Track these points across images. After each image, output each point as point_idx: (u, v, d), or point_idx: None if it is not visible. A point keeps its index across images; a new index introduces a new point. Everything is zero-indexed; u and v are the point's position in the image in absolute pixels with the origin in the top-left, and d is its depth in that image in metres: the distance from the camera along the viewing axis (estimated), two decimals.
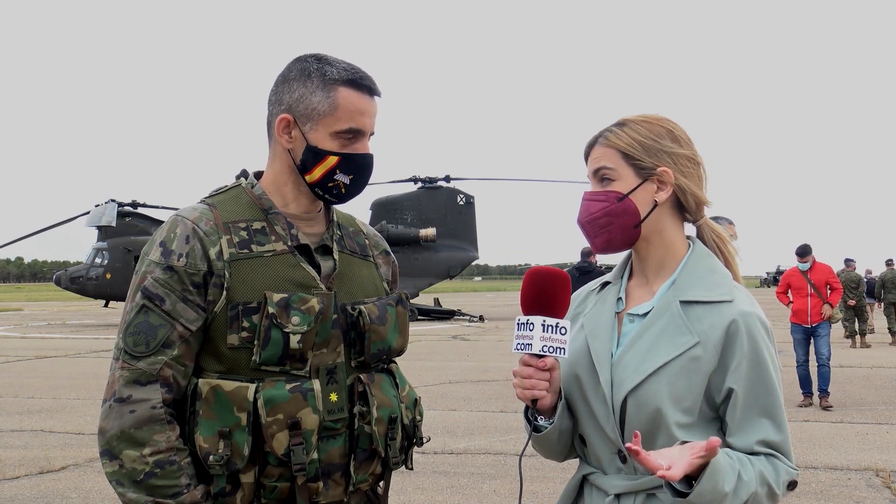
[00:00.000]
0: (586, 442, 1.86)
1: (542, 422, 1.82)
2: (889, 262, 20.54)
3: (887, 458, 7.24)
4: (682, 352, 1.73)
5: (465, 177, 32.95)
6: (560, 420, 1.82)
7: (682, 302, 1.77)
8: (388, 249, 2.09)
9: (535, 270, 1.78)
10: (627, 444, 1.60)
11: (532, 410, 1.81)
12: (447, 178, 32.74)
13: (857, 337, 18.72)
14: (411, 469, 1.99)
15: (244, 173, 1.95)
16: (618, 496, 1.77)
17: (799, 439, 8.06)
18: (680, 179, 1.81)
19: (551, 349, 1.73)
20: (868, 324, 19.16)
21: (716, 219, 9.80)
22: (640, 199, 1.80)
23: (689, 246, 1.86)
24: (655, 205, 1.81)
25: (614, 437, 1.78)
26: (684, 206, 1.85)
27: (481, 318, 30.60)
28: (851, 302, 18.92)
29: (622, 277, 1.91)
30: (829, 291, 10.45)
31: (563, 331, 1.74)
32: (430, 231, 30.88)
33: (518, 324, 1.76)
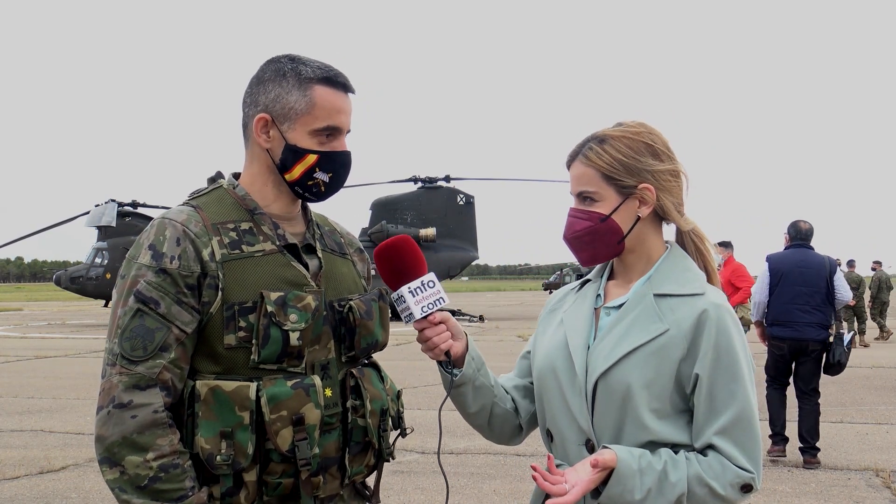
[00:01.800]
0: (554, 436, 1.90)
1: (454, 368, 1.90)
2: (878, 264, 20.77)
3: (887, 458, 7.24)
4: (652, 337, 1.78)
5: (465, 177, 32.95)
6: (472, 372, 1.90)
7: (655, 295, 1.83)
8: (362, 247, 2.13)
9: (380, 247, 1.86)
10: (532, 464, 1.72)
11: (448, 365, 1.89)
12: (447, 178, 32.70)
13: (856, 337, 18.82)
14: (393, 459, 2.01)
15: (219, 174, 1.96)
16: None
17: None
18: (661, 195, 1.87)
19: (431, 305, 1.84)
20: (866, 324, 19.38)
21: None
22: (623, 216, 1.86)
23: (667, 248, 1.92)
24: (638, 219, 1.87)
25: (586, 426, 1.82)
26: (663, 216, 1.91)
27: (481, 318, 30.58)
28: (851, 302, 19.06)
29: (602, 276, 1.98)
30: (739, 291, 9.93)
31: (430, 284, 1.85)
32: (430, 231, 30.85)
33: (394, 300, 1.86)
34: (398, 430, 2.01)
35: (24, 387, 12.42)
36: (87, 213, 32.24)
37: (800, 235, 7.31)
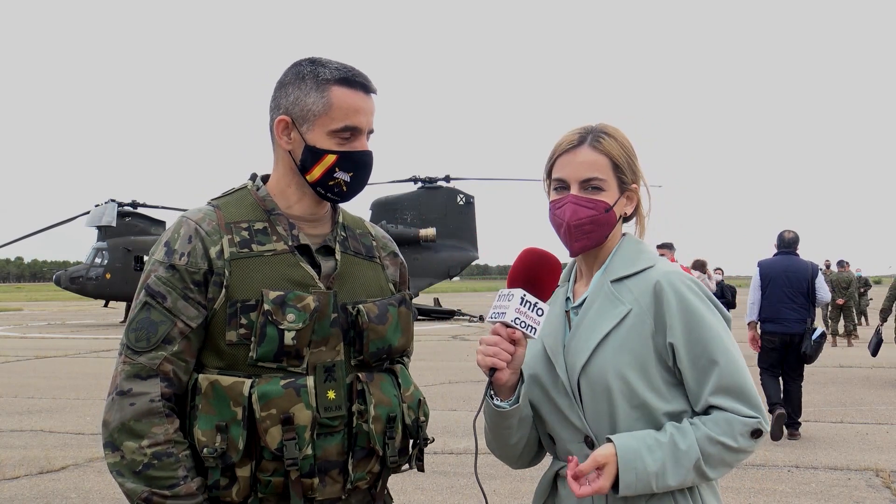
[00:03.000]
0: (555, 438, 1.91)
1: (498, 402, 1.86)
2: (845, 264, 20.93)
3: (887, 458, 7.25)
4: (618, 321, 1.81)
5: (465, 177, 32.95)
6: (524, 402, 1.87)
7: (612, 281, 1.87)
8: (397, 251, 2.11)
9: (531, 250, 1.84)
10: (568, 455, 1.74)
11: (489, 386, 1.85)
12: (447, 178, 32.70)
13: (849, 336, 19.08)
14: (422, 471, 1.99)
15: (253, 176, 1.98)
16: None
17: (799, 439, 8.07)
18: (642, 196, 1.95)
19: (523, 324, 1.77)
20: (852, 322, 19.67)
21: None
22: (618, 210, 1.91)
23: (622, 238, 1.97)
24: (622, 216, 1.93)
25: (580, 424, 1.84)
26: (626, 217, 1.97)
27: (481, 318, 30.56)
28: (840, 301, 19.30)
29: (569, 280, 2.00)
30: None
31: (539, 312, 1.78)
32: (430, 231, 30.84)
33: (499, 295, 1.81)
34: (417, 440, 1.95)
35: (24, 387, 12.43)
36: (87, 213, 32.24)
37: (784, 244, 8.64)
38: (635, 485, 1.74)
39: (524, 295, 1.77)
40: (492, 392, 1.86)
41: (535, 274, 1.81)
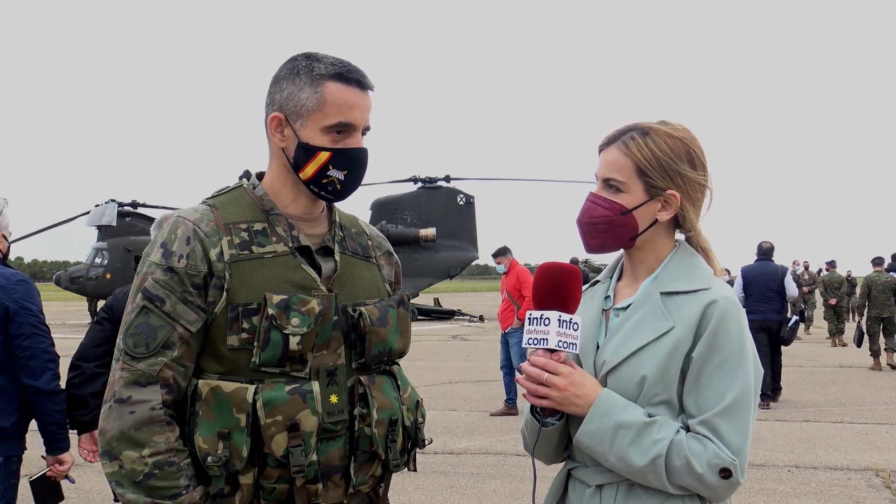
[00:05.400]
0: (572, 437, 1.88)
1: (547, 418, 1.84)
2: (832, 264, 20.83)
3: (887, 458, 7.25)
4: (658, 335, 1.77)
5: (465, 177, 32.93)
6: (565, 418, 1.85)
7: (662, 293, 1.82)
8: (391, 250, 2.08)
9: (549, 265, 1.80)
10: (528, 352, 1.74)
11: (538, 410, 1.83)
12: (447, 178, 32.69)
13: (836, 336, 19.07)
14: (414, 470, 1.98)
15: (247, 174, 1.94)
16: (599, 487, 1.80)
17: (799, 439, 8.08)
18: (685, 204, 1.84)
19: (565, 344, 1.76)
20: (842, 322, 19.54)
21: None
22: (643, 214, 1.84)
23: (675, 246, 1.90)
24: (654, 222, 1.85)
25: None
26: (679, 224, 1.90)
27: (481, 318, 30.59)
28: (832, 301, 19.28)
29: (611, 278, 1.96)
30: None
31: (575, 326, 1.77)
32: (430, 231, 30.85)
33: (530, 318, 1.77)
34: (416, 442, 1.94)
35: None
36: (87, 213, 32.24)
37: (761, 252, 11.02)
38: (591, 437, 1.73)
39: (560, 315, 1.75)
40: (539, 413, 1.84)
41: (561, 290, 1.77)
